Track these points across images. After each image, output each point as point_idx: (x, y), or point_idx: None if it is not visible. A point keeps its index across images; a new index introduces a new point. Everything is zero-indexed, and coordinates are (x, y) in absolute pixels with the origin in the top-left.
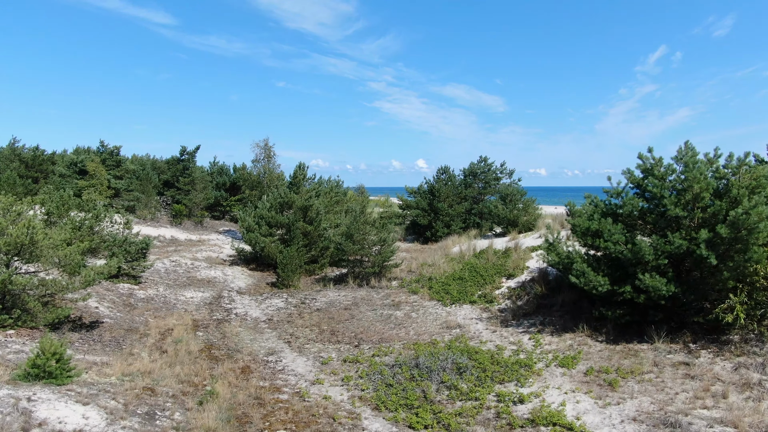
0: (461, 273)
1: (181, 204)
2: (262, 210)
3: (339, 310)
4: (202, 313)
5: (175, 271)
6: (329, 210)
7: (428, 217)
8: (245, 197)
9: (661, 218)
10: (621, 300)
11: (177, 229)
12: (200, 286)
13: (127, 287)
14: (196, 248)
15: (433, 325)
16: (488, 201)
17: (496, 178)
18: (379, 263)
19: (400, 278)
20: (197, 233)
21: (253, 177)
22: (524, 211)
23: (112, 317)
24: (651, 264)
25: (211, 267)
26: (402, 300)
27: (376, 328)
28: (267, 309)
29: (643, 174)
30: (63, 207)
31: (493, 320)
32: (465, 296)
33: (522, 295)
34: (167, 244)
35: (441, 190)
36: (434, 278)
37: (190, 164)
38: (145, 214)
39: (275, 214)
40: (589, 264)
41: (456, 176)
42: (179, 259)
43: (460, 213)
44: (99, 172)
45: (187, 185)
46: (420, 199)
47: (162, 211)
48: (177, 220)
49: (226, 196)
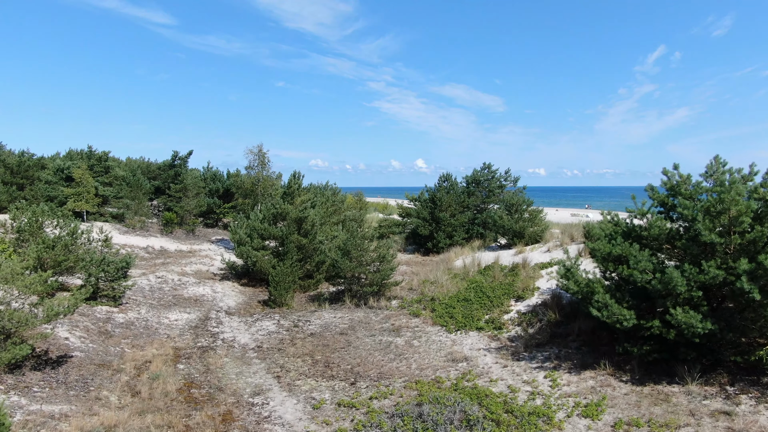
0: (466, 293)
1: (173, 212)
2: (254, 222)
3: (334, 335)
4: (186, 339)
5: (161, 288)
6: (325, 221)
7: (429, 227)
8: (239, 205)
9: (693, 243)
10: (648, 335)
11: (167, 239)
12: (186, 306)
13: (106, 310)
14: (185, 260)
15: (437, 356)
16: (492, 210)
17: (500, 186)
18: (377, 282)
19: (401, 297)
20: (188, 243)
21: (246, 185)
22: (531, 221)
23: (83, 350)
24: (683, 296)
25: (200, 283)
26: (402, 324)
27: (375, 358)
28: (257, 333)
29: (668, 192)
30: (35, 224)
31: (503, 352)
32: (471, 321)
33: (533, 321)
34: (155, 255)
35: (442, 198)
36: (437, 299)
37: (182, 170)
38: (134, 223)
39: (268, 226)
40: (611, 293)
41: (458, 183)
42: (166, 274)
43: (462, 223)
44: (86, 179)
45: (179, 192)
46: (421, 208)
47: (153, 218)
48: (168, 229)
49: (219, 203)
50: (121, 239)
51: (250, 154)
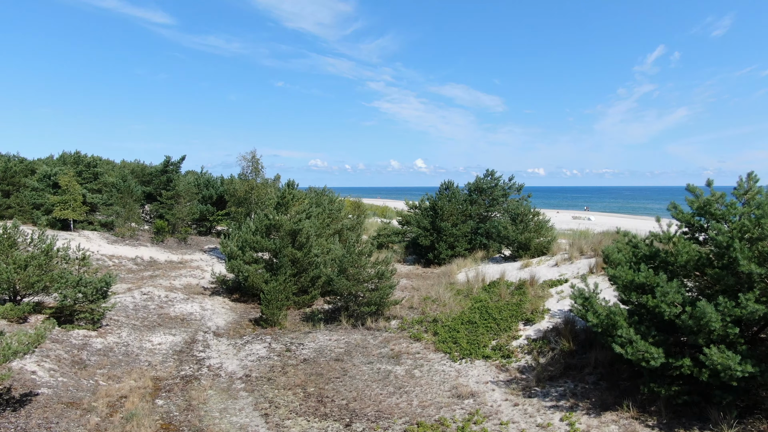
0: (471, 315)
1: (164, 219)
2: (246, 234)
3: (329, 362)
4: (169, 366)
5: (146, 307)
6: (321, 233)
7: (430, 237)
8: (231, 213)
9: (728, 273)
10: (677, 374)
11: (158, 248)
12: (172, 327)
13: (83, 335)
14: (175, 272)
15: (441, 390)
16: (496, 219)
17: (504, 194)
18: (376, 301)
19: (400, 317)
20: (180, 252)
21: (239, 192)
22: (537, 232)
23: (52, 385)
24: (717, 332)
25: (189, 299)
26: (402, 349)
27: (373, 392)
28: (246, 359)
29: (695, 211)
30: (6, 242)
31: (513, 386)
32: (476, 347)
33: (545, 350)
34: (144, 267)
35: (444, 207)
36: (439, 320)
37: (174, 176)
38: (123, 231)
39: (261, 239)
40: (634, 326)
41: (460, 190)
42: (152, 290)
43: (465, 233)
44: (72, 186)
45: (170, 199)
46: (421, 217)
47: (145, 225)
48: (158, 237)
49: (212, 210)
50: (109, 249)
51: (243, 160)
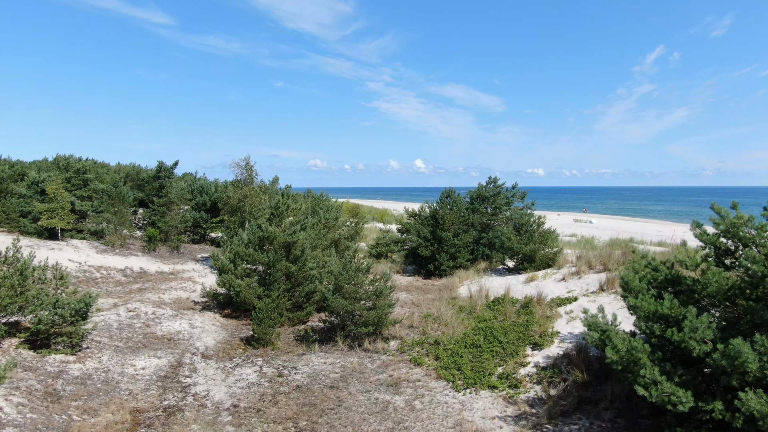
0: (475, 337)
1: (156, 227)
2: (238, 246)
3: (323, 390)
4: (151, 395)
5: (131, 325)
6: (317, 244)
7: (431, 247)
8: (225, 221)
9: (763, 305)
10: (707, 418)
11: (149, 258)
12: (158, 348)
13: (59, 360)
14: (165, 285)
15: (443, 427)
16: (499, 229)
17: (508, 202)
18: (374, 321)
19: (400, 337)
20: (171, 262)
21: (233, 201)
22: (542, 243)
23: (19, 423)
24: (753, 374)
25: (177, 315)
26: (402, 376)
27: (370, 427)
28: (235, 385)
29: (721, 234)
30: None
31: (523, 422)
32: (482, 375)
33: (556, 380)
34: (133, 279)
35: (445, 216)
36: (441, 342)
37: (167, 183)
38: (114, 240)
39: (253, 251)
40: (658, 363)
41: (462, 197)
42: (139, 306)
43: (466, 243)
44: (60, 194)
45: (163, 206)
46: (421, 227)
47: (137, 232)
48: (150, 246)
49: (206, 217)
50: (97, 260)
51: (236, 167)
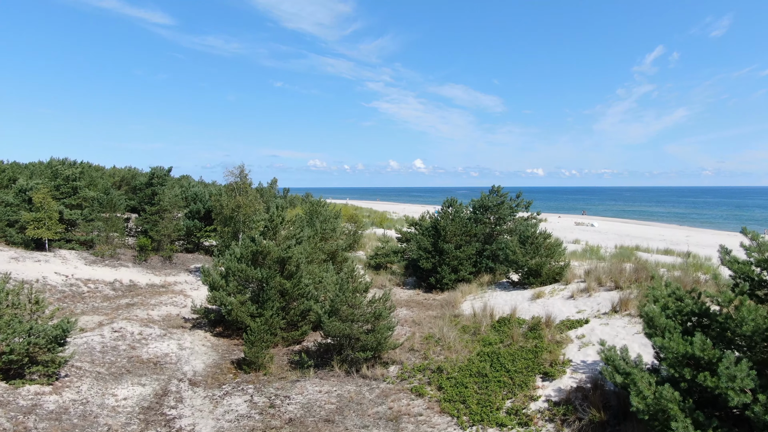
0: (480, 364)
1: (148, 236)
2: (230, 262)
3: (318, 423)
4: (132, 431)
5: (115, 348)
6: (313, 258)
7: (432, 260)
8: (218, 231)
9: None
10: None
11: (140, 269)
12: (143, 374)
13: (34, 392)
14: (155, 299)
15: None
16: (503, 241)
17: (512, 212)
18: (372, 345)
19: (400, 362)
20: (163, 273)
21: (226, 211)
22: (548, 257)
23: None
24: None
25: (166, 335)
26: (403, 409)
27: None
28: (223, 417)
29: (755, 263)
30: None
31: None
32: (489, 411)
33: (570, 418)
34: (122, 293)
35: (447, 227)
36: (444, 369)
37: (159, 190)
38: (103, 251)
39: (246, 267)
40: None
41: (464, 206)
42: (125, 325)
43: (469, 255)
44: (47, 203)
45: (155, 215)
46: (422, 238)
47: (129, 239)
48: (141, 256)
49: (200, 226)
50: (85, 272)
51: (230, 175)
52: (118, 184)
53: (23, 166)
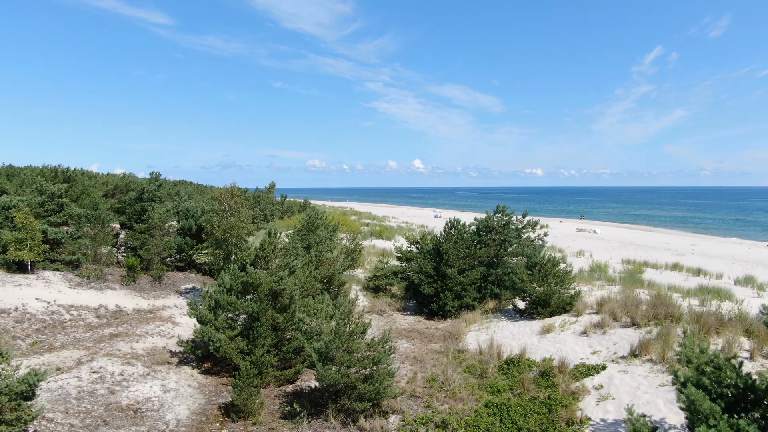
0: (489, 419)
1: (137, 256)
2: (219, 294)
3: None
4: None
5: (93, 392)
6: (308, 289)
7: (434, 284)
8: (211, 253)
9: None
10: None
11: (127, 291)
12: (120, 426)
13: None
14: (141, 328)
15: None
16: (509, 266)
17: (518, 234)
18: (371, 395)
19: (401, 411)
20: (152, 296)
21: (217, 233)
22: (558, 285)
23: None
24: None
25: (149, 374)
26: None
27: None
28: None
29: None
30: None
31: None
32: None
33: None
34: (107, 320)
35: (449, 251)
36: (449, 424)
37: (149, 206)
38: (89, 272)
39: (236, 300)
40: None
41: (468, 227)
42: (106, 365)
43: (473, 280)
44: (29, 223)
45: (144, 234)
46: (424, 261)
47: (121, 252)
48: (130, 277)
49: (192, 243)
50: (69, 296)
51: (222, 194)
52: (112, 192)
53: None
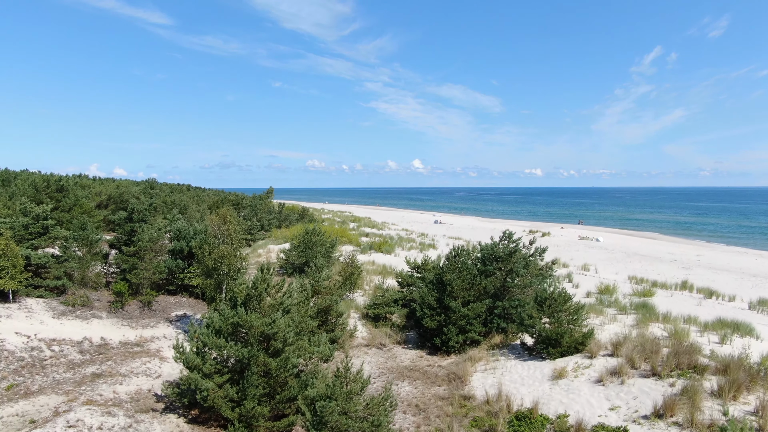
0: None
1: (125, 281)
2: (207, 337)
3: None
4: None
5: None
6: (302, 330)
7: (437, 318)
8: (200, 285)
9: None
10: None
11: (114, 320)
12: None
13: None
14: (126, 366)
15: None
16: (516, 298)
17: (525, 264)
18: None
19: None
20: (140, 324)
21: (208, 262)
22: (570, 324)
23: None
24: None
25: (131, 425)
26: None
27: None
28: None
29: None
30: None
31: None
32: None
33: None
34: (91, 357)
35: (453, 282)
36: None
37: (139, 228)
38: (75, 299)
39: (225, 343)
40: None
41: (472, 252)
42: (84, 417)
43: (479, 313)
44: (10, 250)
45: (133, 257)
46: (426, 293)
47: (108, 277)
48: (117, 304)
49: (183, 266)
50: (52, 328)
51: (213, 221)
52: (105, 203)
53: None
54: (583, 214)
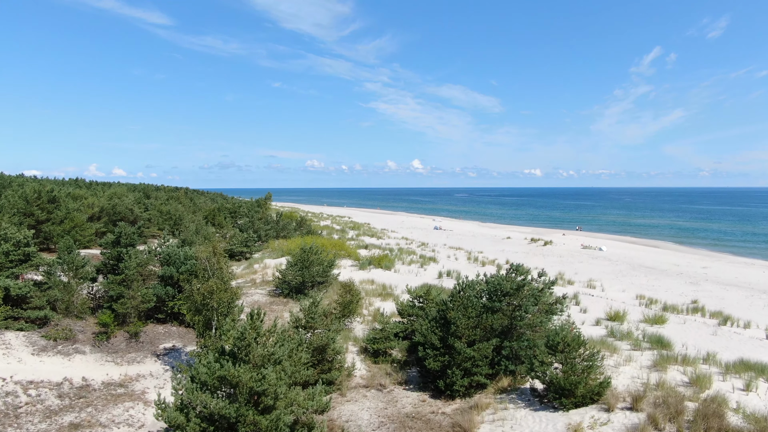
0: None
1: (111, 310)
2: (191, 393)
3: None
4: None
5: None
6: (295, 381)
7: (441, 359)
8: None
9: None
10: None
11: (99, 355)
12: None
13: None
14: (107, 413)
15: None
16: (525, 339)
17: (535, 300)
18: None
19: None
20: (126, 359)
21: (196, 297)
22: (585, 373)
23: None
24: None
25: None
26: None
27: None
28: None
29: None
30: None
31: None
32: None
33: None
34: (69, 402)
35: (458, 321)
36: None
37: (126, 254)
38: (57, 333)
39: (210, 399)
40: None
41: (476, 284)
42: None
43: (485, 354)
44: None
45: (120, 285)
46: (429, 332)
47: (93, 303)
48: (102, 336)
49: (173, 293)
50: (30, 368)
51: (203, 255)
52: (98, 215)
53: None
54: (584, 218)
